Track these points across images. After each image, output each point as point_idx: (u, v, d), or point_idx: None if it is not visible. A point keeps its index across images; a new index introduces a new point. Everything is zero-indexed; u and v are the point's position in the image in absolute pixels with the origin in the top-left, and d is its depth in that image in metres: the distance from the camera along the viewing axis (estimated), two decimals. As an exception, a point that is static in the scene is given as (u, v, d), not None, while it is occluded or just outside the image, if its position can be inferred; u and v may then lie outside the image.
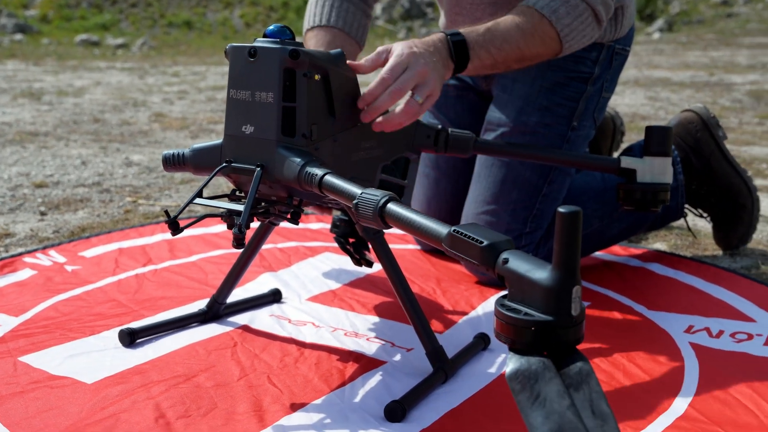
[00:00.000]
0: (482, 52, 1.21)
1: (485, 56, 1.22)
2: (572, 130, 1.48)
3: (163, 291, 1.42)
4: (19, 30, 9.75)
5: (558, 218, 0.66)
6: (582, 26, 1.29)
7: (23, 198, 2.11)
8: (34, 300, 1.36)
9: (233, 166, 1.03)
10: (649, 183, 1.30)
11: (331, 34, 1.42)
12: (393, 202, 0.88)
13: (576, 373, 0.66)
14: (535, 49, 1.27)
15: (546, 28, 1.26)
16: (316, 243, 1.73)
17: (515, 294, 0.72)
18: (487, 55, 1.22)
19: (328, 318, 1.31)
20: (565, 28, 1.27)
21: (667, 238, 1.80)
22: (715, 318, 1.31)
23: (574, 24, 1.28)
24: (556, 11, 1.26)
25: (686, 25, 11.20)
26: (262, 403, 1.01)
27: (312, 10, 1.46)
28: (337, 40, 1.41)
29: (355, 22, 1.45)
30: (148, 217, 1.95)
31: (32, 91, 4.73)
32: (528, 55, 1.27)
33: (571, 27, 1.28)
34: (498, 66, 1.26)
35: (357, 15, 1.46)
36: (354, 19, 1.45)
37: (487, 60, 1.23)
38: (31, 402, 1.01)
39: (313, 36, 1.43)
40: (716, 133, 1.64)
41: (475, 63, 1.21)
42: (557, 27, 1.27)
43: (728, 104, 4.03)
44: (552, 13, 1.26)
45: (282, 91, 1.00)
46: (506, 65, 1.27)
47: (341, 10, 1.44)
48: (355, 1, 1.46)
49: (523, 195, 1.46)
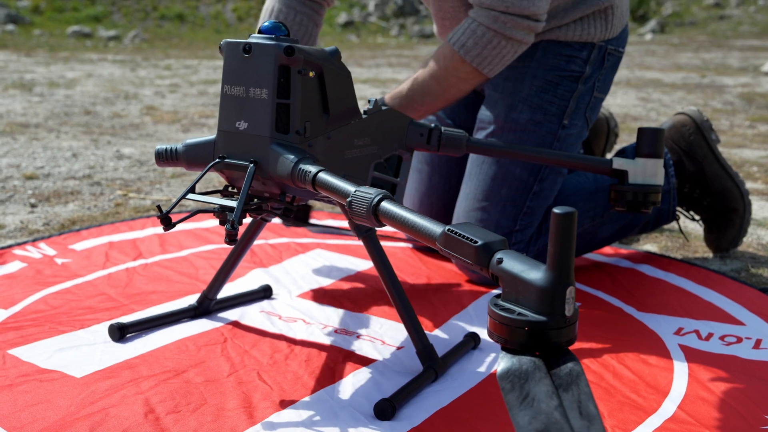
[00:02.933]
0: (409, 112, 1.37)
1: (414, 114, 1.38)
2: (563, 129, 1.48)
3: (154, 285, 1.42)
4: (11, 21, 9.69)
5: (553, 219, 0.66)
6: (495, 50, 1.34)
7: (13, 190, 2.10)
8: (23, 293, 1.36)
9: (226, 162, 1.03)
10: (640, 184, 1.30)
11: None
12: (387, 201, 0.87)
13: (566, 374, 0.66)
14: (456, 87, 1.38)
15: (458, 65, 1.35)
16: (308, 239, 1.73)
17: (509, 294, 0.72)
18: (415, 114, 1.38)
19: (319, 315, 1.31)
20: (476, 58, 1.34)
21: (657, 240, 1.80)
22: (704, 321, 1.32)
23: (485, 52, 1.33)
24: (464, 45, 1.33)
25: (678, 27, 11.23)
26: (252, 399, 1.01)
27: (261, 16, 1.56)
28: None
29: (300, 30, 1.52)
30: (139, 211, 1.95)
31: (23, 83, 4.71)
32: (451, 95, 1.39)
33: (482, 56, 1.34)
34: (432, 112, 1.41)
35: (303, 23, 1.52)
36: (300, 27, 1.52)
37: (418, 114, 1.39)
38: (19, 395, 1.00)
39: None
40: (709, 137, 1.64)
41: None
42: (467, 59, 1.34)
43: (720, 106, 4.05)
44: (461, 48, 1.34)
45: (276, 87, 1.00)
46: (440, 108, 1.41)
47: (287, 18, 1.51)
48: (303, 9, 1.52)
49: (513, 192, 1.46)
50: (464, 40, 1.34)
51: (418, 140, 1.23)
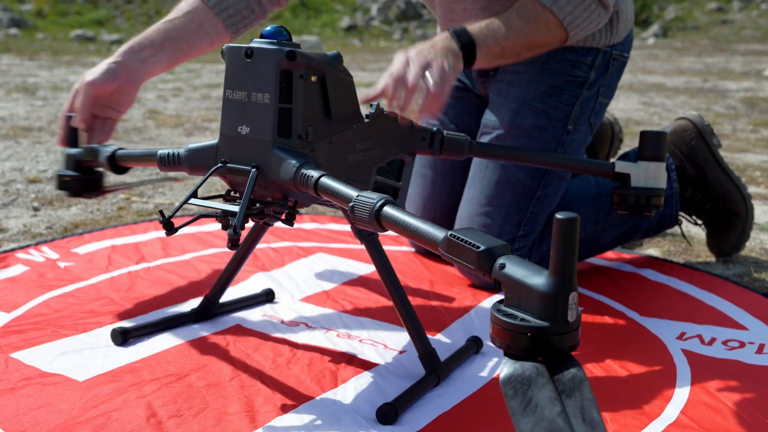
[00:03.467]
0: (489, 41, 1.27)
1: (492, 44, 1.27)
2: (567, 134, 1.48)
3: (156, 289, 1.42)
4: (14, 24, 9.71)
5: (555, 224, 0.66)
6: (585, 13, 1.32)
7: (16, 193, 2.11)
8: (26, 296, 1.36)
9: (229, 167, 1.03)
10: (643, 188, 1.30)
11: (195, 6, 1.40)
12: (389, 206, 0.87)
13: (569, 380, 0.66)
14: (542, 36, 1.31)
15: (548, 17, 1.30)
16: (310, 243, 1.73)
17: (511, 299, 0.72)
18: (494, 44, 1.27)
19: (321, 319, 1.31)
20: (567, 16, 1.30)
21: (660, 244, 1.80)
22: (707, 325, 1.32)
23: (577, 12, 1.31)
24: (557, 1, 1.29)
25: (681, 31, 11.23)
26: (254, 403, 1.01)
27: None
28: (198, 14, 1.40)
29: (231, 9, 1.41)
30: (142, 215, 1.95)
31: (27, 86, 4.72)
32: (535, 42, 1.31)
33: (573, 15, 1.31)
34: (507, 54, 1.30)
35: (240, 3, 1.42)
36: (234, 5, 1.41)
37: (495, 48, 1.27)
38: (22, 399, 1.00)
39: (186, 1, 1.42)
40: (710, 141, 1.64)
41: (484, 51, 1.26)
42: (559, 16, 1.30)
43: (722, 111, 4.04)
44: (552, 3, 1.29)
45: (278, 92, 1.00)
46: (515, 53, 1.31)
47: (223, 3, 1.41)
48: None
49: (516, 197, 1.46)
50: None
51: (421, 144, 1.23)
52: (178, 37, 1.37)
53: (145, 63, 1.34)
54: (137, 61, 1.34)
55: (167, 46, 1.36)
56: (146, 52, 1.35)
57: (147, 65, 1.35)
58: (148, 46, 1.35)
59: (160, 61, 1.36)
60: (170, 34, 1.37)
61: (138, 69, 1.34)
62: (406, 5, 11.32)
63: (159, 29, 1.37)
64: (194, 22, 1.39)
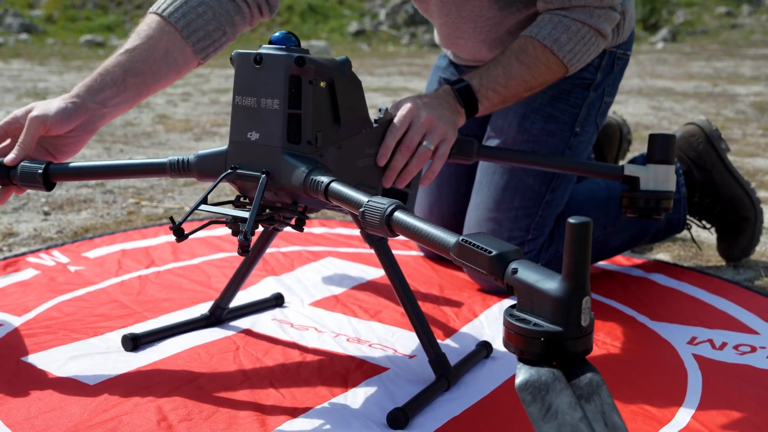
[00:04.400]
0: (489, 93, 1.27)
1: (493, 96, 1.27)
2: (575, 136, 1.49)
3: (166, 293, 1.42)
4: (25, 30, 9.76)
5: (568, 229, 0.66)
6: (585, 47, 1.31)
7: (27, 197, 2.11)
8: (37, 300, 1.36)
9: (238, 173, 1.03)
10: (652, 190, 1.30)
11: (160, 30, 1.21)
12: (400, 211, 0.88)
13: (587, 384, 0.66)
14: (542, 78, 1.30)
15: (549, 57, 1.29)
16: (319, 247, 1.73)
17: (524, 304, 0.72)
18: (495, 95, 1.27)
19: (331, 323, 1.31)
20: (567, 54, 1.29)
21: (670, 249, 1.79)
22: (718, 330, 1.31)
23: (577, 48, 1.30)
24: (558, 40, 1.28)
25: (690, 36, 11.21)
26: (264, 407, 1.01)
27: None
28: (163, 39, 1.21)
29: (201, 30, 1.23)
30: (151, 219, 1.95)
31: (37, 91, 4.74)
32: (535, 84, 1.31)
33: (573, 51, 1.30)
34: (509, 100, 1.30)
35: (211, 24, 1.24)
36: (205, 26, 1.24)
37: (496, 98, 1.28)
38: (33, 402, 1.01)
39: (145, 23, 1.24)
40: (718, 146, 1.64)
41: (485, 104, 1.27)
42: (559, 55, 1.29)
43: (732, 115, 4.03)
44: (553, 43, 1.28)
45: (288, 98, 1.00)
46: (517, 98, 1.31)
47: (194, 12, 1.23)
48: (219, 10, 1.25)
49: (525, 202, 1.46)
50: (556, 35, 1.28)
51: (429, 149, 1.23)
52: (142, 71, 1.19)
53: (105, 106, 1.17)
54: (96, 105, 1.16)
55: (130, 83, 1.19)
56: (107, 92, 1.17)
57: (107, 108, 1.18)
58: (109, 85, 1.17)
59: (121, 103, 1.19)
60: (133, 68, 1.19)
61: (96, 113, 1.17)
62: (414, 10, 11.33)
63: (120, 63, 1.19)
64: (159, 50, 1.21)
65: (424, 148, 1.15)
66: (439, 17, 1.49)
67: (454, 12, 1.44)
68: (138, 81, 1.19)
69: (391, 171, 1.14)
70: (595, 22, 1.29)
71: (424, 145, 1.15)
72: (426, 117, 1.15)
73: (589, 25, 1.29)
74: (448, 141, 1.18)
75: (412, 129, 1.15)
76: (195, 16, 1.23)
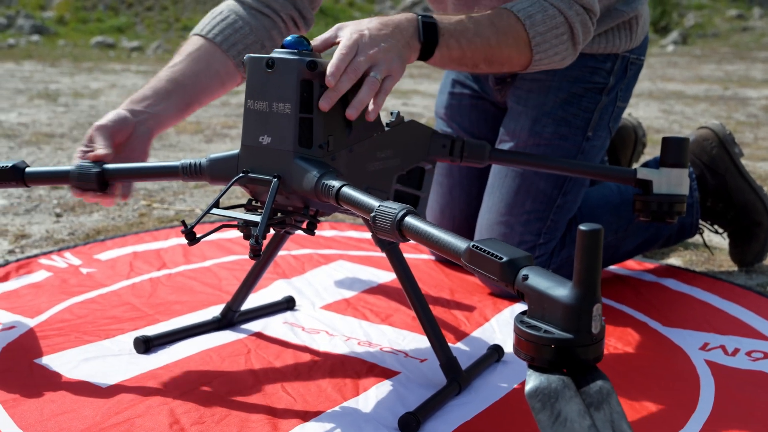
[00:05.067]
0: (452, 41, 1.14)
1: (454, 46, 1.15)
2: (587, 141, 1.48)
3: (177, 296, 1.43)
4: (36, 31, 9.81)
5: (579, 236, 0.66)
6: (556, 41, 1.22)
7: (39, 199, 2.13)
8: (49, 302, 1.37)
9: (250, 177, 1.04)
10: (665, 194, 1.30)
11: (201, 47, 1.29)
12: (411, 216, 0.88)
13: (596, 392, 0.66)
14: (507, 50, 1.19)
15: (519, 31, 1.19)
16: (330, 251, 1.73)
17: (535, 311, 0.72)
18: (457, 45, 1.15)
19: (342, 326, 1.31)
20: (537, 36, 1.20)
21: (682, 254, 1.79)
22: (731, 336, 1.31)
23: (548, 35, 1.21)
24: (532, 16, 1.20)
25: (701, 38, 11.17)
26: (276, 411, 1.01)
27: (206, 17, 1.35)
28: (205, 54, 1.29)
29: (240, 44, 1.31)
30: (163, 221, 1.96)
31: (48, 93, 4.76)
32: (498, 56, 1.19)
33: (543, 37, 1.21)
34: (465, 61, 1.18)
35: (249, 38, 1.31)
36: (243, 40, 1.31)
37: (456, 51, 1.16)
38: (46, 405, 1.01)
39: (187, 44, 1.32)
40: (732, 150, 1.64)
41: (443, 51, 1.14)
42: (529, 32, 1.19)
43: (743, 119, 4.02)
44: (527, 17, 1.19)
45: (299, 102, 1.00)
46: (474, 62, 1.19)
47: (231, 28, 1.31)
48: (256, 25, 1.32)
49: (537, 206, 1.46)
50: (532, 12, 1.19)
51: (441, 151, 1.23)
52: (184, 82, 1.25)
53: (151, 110, 1.22)
54: (142, 110, 1.22)
55: (173, 92, 1.24)
56: (150, 100, 1.22)
57: (155, 115, 1.22)
58: (151, 96, 1.23)
59: (168, 109, 1.24)
60: (175, 80, 1.25)
61: (147, 119, 1.22)
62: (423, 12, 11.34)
63: (161, 77, 1.26)
64: (200, 63, 1.27)
65: (372, 79, 1.02)
66: None
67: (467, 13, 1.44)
68: (181, 91, 1.25)
69: (333, 93, 1.01)
70: (571, 16, 1.22)
71: (372, 75, 1.02)
72: (371, 50, 1.04)
73: (565, 16, 1.21)
74: (393, 77, 1.05)
75: (358, 56, 1.03)
76: (232, 32, 1.30)
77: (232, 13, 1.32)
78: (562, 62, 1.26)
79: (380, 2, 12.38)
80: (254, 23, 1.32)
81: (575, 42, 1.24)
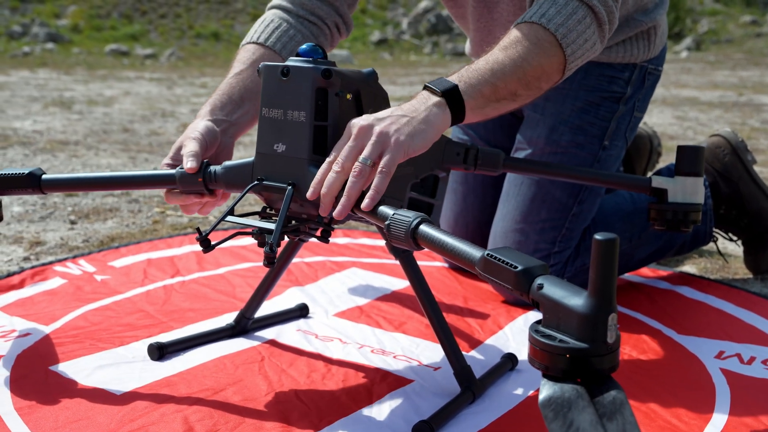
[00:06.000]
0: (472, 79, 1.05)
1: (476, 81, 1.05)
2: (603, 150, 1.48)
3: (191, 303, 1.43)
4: (51, 39, 9.88)
5: (594, 245, 0.66)
6: (580, 26, 1.13)
7: (54, 207, 2.14)
8: (64, 309, 1.38)
9: (265, 184, 1.04)
10: (680, 203, 1.29)
11: (260, 54, 1.29)
12: (425, 224, 0.88)
13: (610, 402, 0.66)
14: (535, 59, 1.10)
15: (537, 31, 1.11)
16: (343, 258, 1.74)
17: (550, 320, 0.72)
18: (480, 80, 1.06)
19: (355, 334, 1.31)
20: (560, 28, 1.11)
21: (696, 261, 1.78)
22: (746, 344, 1.30)
23: (569, 24, 1.12)
24: (545, 14, 1.12)
25: (715, 44, 11.13)
26: (290, 418, 1.02)
27: (255, 27, 1.35)
28: (264, 57, 1.29)
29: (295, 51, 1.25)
30: (177, 228, 1.97)
31: (63, 100, 4.79)
32: (529, 71, 1.09)
33: (566, 26, 1.11)
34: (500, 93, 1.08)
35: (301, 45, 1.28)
36: (297, 47, 1.31)
37: (486, 87, 1.06)
38: (61, 411, 1.02)
39: (244, 52, 1.31)
40: (745, 158, 1.63)
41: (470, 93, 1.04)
42: (550, 28, 1.11)
43: (758, 125, 4.00)
44: (541, 17, 1.12)
45: (314, 110, 1.01)
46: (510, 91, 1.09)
47: (286, 36, 1.32)
48: (306, 32, 1.34)
49: (552, 214, 1.46)
50: (542, 11, 1.12)
51: (455, 159, 1.23)
52: (254, 89, 1.24)
53: (231, 119, 1.22)
54: (224, 119, 1.22)
55: (246, 99, 1.24)
56: (228, 108, 1.22)
57: (234, 121, 1.23)
58: (228, 103, 1.23)
59: (245, 116, 1.24)
60: (245, 87, 1.25)
61: (228, 127, 1.22)
62: (436, 19, 11.34)
63: (231, 84, 1.25)
64: None
65: (359, 165, 0.93)
66: (473, 22, 1.50)
67: (486, 15, 1.44)
68: (253, 98, 1.25)
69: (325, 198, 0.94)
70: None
71: (359, 162, 0.94)
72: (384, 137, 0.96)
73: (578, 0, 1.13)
74: (392, 156, 0.94)
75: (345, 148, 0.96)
76: (288, 39, 1.32)
77: (283, 21, 1.35)
78: (595, 48, 1.17)
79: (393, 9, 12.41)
80: (305, 31, 1.35)
81: (600, 22, 1.16)
